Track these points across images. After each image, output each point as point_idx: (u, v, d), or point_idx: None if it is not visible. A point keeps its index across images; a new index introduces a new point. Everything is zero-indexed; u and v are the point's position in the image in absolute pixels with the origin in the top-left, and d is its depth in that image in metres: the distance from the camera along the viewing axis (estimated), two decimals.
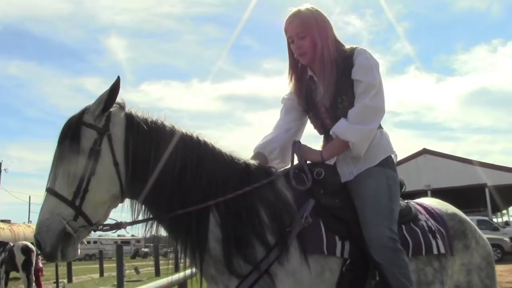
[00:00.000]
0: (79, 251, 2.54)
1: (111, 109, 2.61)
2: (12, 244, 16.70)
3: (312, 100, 3.08)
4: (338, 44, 3.02)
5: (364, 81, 2.85)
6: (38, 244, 2.45)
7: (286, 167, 2.95)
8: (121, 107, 2.67)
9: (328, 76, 2.92)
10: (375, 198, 2.79)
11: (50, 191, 2.47)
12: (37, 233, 2.43)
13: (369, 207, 2.76)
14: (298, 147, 2.96)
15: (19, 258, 15.60)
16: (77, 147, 2.49)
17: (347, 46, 3.02)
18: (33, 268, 16.18)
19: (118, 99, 2.63)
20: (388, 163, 2.97)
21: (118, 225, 2.60)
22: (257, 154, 3.06)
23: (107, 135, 2.54)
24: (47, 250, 2.41)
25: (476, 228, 3.44)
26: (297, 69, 3.14)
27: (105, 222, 2.59)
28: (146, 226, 2.66)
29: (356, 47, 2.97)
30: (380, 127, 3.03)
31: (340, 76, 2.92)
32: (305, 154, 2.95)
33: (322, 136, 3.16)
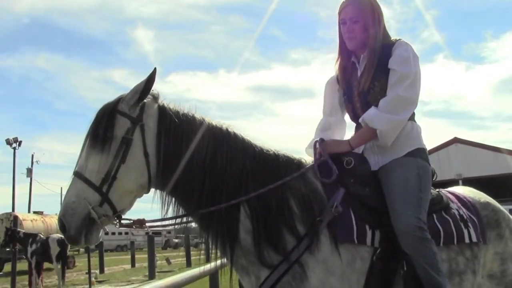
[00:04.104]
0: (101, 237, 2.58)
1: (145, 100, 2.65)
2: (42, 236, 17.15)
3: (349, 84, 3.10)
4: (385, 36, 3.02)
5: (399, 71, 2.84)
6: (62, 226, 2.47)
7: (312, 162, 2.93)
8: (155, 98, 2.71)
9: (371, 63, 2.94)
10: (403, 187, 2.78)
11: (78, 175, 2.51)
12: (62, 215, 2.46)
13: (397, 196, 2.76)
14: (320, 144, 2.95)
15: (54, 250, 15.96)
16: (110, 134, 2.53)
17: (392, 38, 3.02)
18: (66, 260, 16.59)
19: (153, 90, 2.67)
20: (420, 153, 2.95)
21: (141, 222, 2.65)
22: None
23: (140, 125, 2.59)
24: (71, 233, 2.45)
25: (510, 217, 3.39)
26: (344, 53, 3.13)
27: (129, 217, 2.65)
28: (175, 219, 2.70)
29: (399, 39, 2.98)
30: (412, 119, 3.02)
31: (377, 63, 2.93)
32: (332, 148, 2.93)
33: (355, 126, 3.17)
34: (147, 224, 2.72)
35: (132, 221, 2.65)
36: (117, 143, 2.53)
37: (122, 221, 2.60)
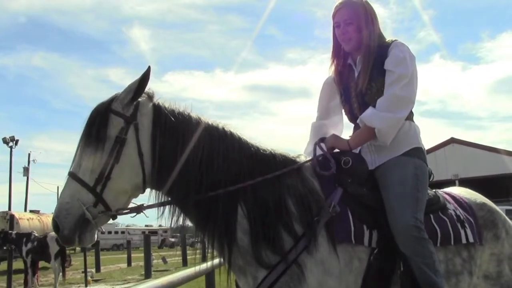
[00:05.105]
0: (96, 237, 2.56)
1: (140, 99, 2.63)
2: (36, 234, 17.16)
3: (347, 85, 3.11)
4: (380, 37, 3.04)
5: (395, 71, 2.85)
6: (56, 226, 2.46)
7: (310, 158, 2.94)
8: (149, 97, 2.68)
9: (367, 63, 2.95)
10: (400, 186, 2.78)
11: (72, 175, 2.49)
12: (56, 216, 2.45)
13: (394, 195, 2.76)
14: (321, 141, 2.97)
15: (53, 248, 15.85)
16: (104, 134, 2.51)
17: (388, 39, 3.04)
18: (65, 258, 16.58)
19: (147, 89, 2.65)
20: (418, 153, 2.96)
21: (138, 209, 2.62)
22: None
23: (134, 124, 2.56)
24: (64, 233, 2.43)
25: (506, 218, 3.38)
26: (340, 56, 3.16)
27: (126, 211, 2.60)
28: (173, 216, 2.66)
29: (395, 40, 2.99)
30: (411, 119, 3.03)
31: (373, 64, 2.94)
32: (332, 141, 2.95)
33: (353, 127, 3.17)
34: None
35: (130, 208, 2.62)
36: (111, 143, 2.51)
37: (120, 210, 2.56)
